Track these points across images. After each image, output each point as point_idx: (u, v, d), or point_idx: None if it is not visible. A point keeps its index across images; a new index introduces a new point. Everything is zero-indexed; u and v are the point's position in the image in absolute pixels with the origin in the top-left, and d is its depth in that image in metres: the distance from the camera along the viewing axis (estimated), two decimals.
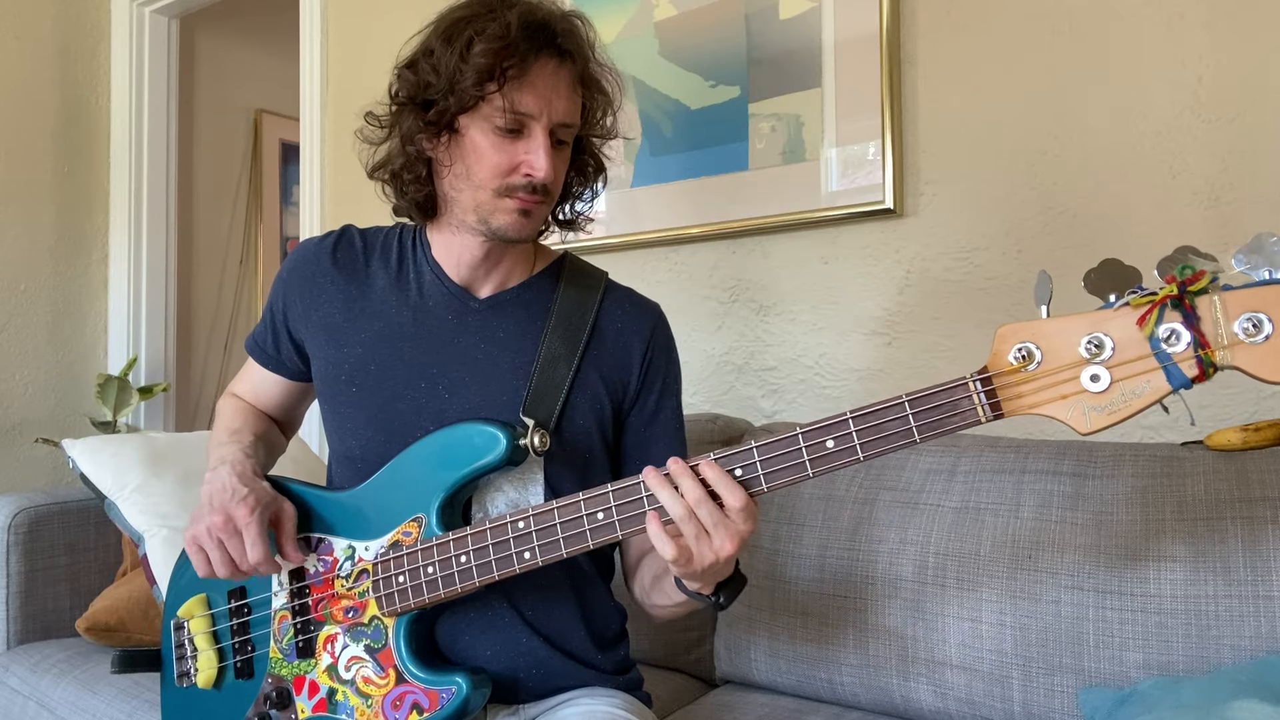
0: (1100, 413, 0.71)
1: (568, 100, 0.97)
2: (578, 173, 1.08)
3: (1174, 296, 0.68)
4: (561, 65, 0.97)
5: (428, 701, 0.93)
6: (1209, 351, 0.67)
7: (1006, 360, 0.74)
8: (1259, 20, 1.29)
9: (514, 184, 0.97)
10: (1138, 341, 0.69)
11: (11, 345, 2.70)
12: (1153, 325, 0.68)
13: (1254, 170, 1.29)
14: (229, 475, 1.00)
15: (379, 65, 2.32)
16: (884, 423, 0.77)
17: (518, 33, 0.92)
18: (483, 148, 0.96)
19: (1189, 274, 0.68)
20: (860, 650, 1.22)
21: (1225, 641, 1.00)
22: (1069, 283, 1.43)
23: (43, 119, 2.77)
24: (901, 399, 0.77)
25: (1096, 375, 0.70)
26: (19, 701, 1.58)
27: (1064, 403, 0.72)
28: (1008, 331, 0.74)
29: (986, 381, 0.74)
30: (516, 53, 0.92)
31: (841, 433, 0.79)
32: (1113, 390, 0.70)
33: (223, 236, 3.43)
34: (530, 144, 0.96)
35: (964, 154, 1.51)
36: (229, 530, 0.95)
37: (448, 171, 1.00)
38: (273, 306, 1.13)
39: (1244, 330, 0.66)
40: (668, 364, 1.12)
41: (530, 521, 0.90)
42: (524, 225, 0.99)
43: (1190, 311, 0.67)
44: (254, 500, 0.96)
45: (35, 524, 1.72)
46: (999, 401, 0.74)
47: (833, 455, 0.79)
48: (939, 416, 0.76)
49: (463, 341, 1.04)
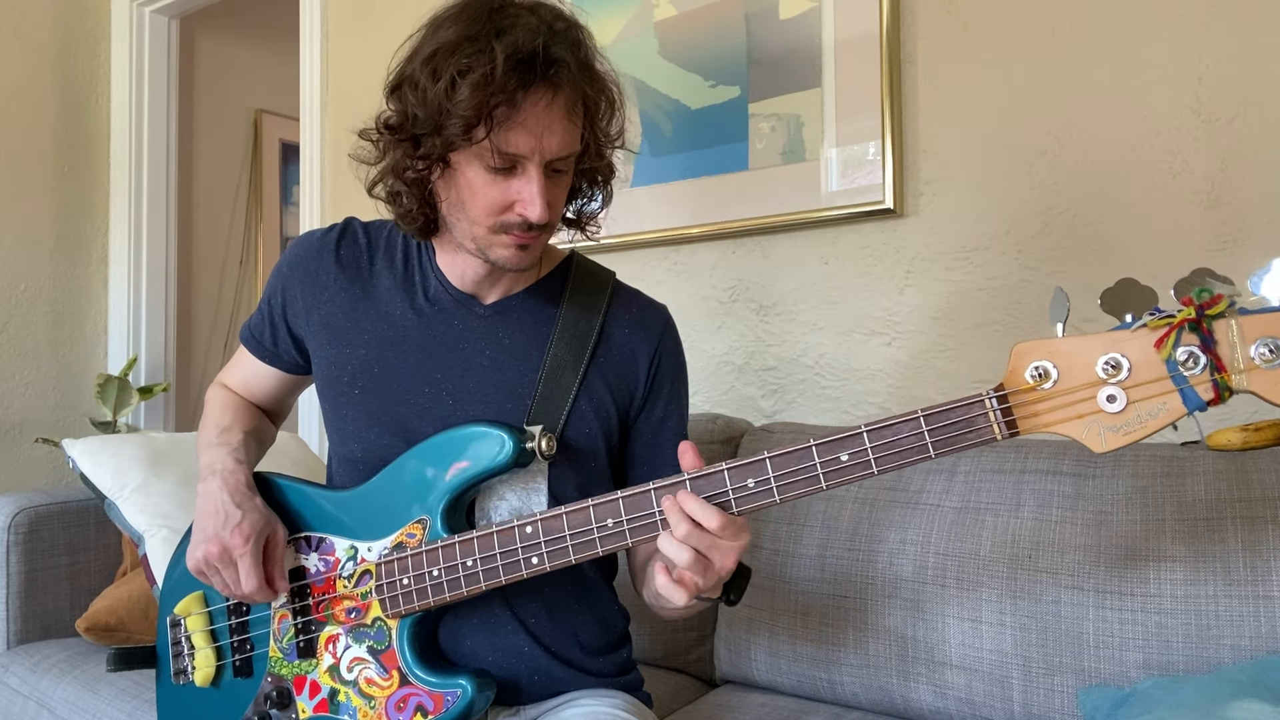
0: (1116, 433, 0.71)
1: (562, 134, 0.91)
2: (586, 180, 1.04)
3: (1192, 320, 0.68)
4: (556, 97, 0.90)
5: (433, 704, 0.93)
6: (1225, 376, 0.67)
7: (1023, 378, 0.74)
8: (1259, 20, 1.29)
9: (509, 222, 0.93)
10: (1155, 364, 0.70)
11: (11, 345, 2.70)
12: (1170, 348, 0.69)
13: (1254, 170, 1.29)
14: (221, 491, 1.00)
15: (379, 65, 2.31)
16: (899, 438, 0.77)
17: (504, 72, 0.85)
18: (475, 185, 0.92)
19: (1206, 297, 0.68)
20: (860, 650, 1.22)
21: (1225, 641, 1.00)
22: (1069, 282, 1.43)
23: (43, 119, 2.77)
24: (917, 414, 0.77)
25: (1113, 396, 0.71)
26: (19, 701, 1.58)
27: (1080, 422, 0.72)
28: (1024, 349, 0.74)
29: (1003, 399, 0.74)
30: (504, 92, 0.86)
31: (856, 448, 0.78)
32: (1129, 411, 0.71)
33: (223, 236, 3.43)
34: (523, 183, 0.91)
35: (964, 154, 1.51)
36: (225, 560, 0.97)
37: (443, 201, 0.97)
38: (271, 299, 1.11)
39: (1260, 356, 0.66)
40: (675, 370, 1.10)
41: (539, 527, 0.89)
42: (522, 258, 0.96)
43: (1208, 335, 0.67)
44: (248, 527, 0.97)
45: (35, 524, 1.72)
46: (1015, 420, 0.74)
47: (847, 469, 0.79)
48: (954, 433, 0.76)
49: (468, 347, 1.03)
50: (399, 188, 0.98)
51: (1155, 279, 0.70)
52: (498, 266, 0.98)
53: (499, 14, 0.89)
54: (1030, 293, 1.46)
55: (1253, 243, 1.29)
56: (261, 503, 1.01)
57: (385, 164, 0.98)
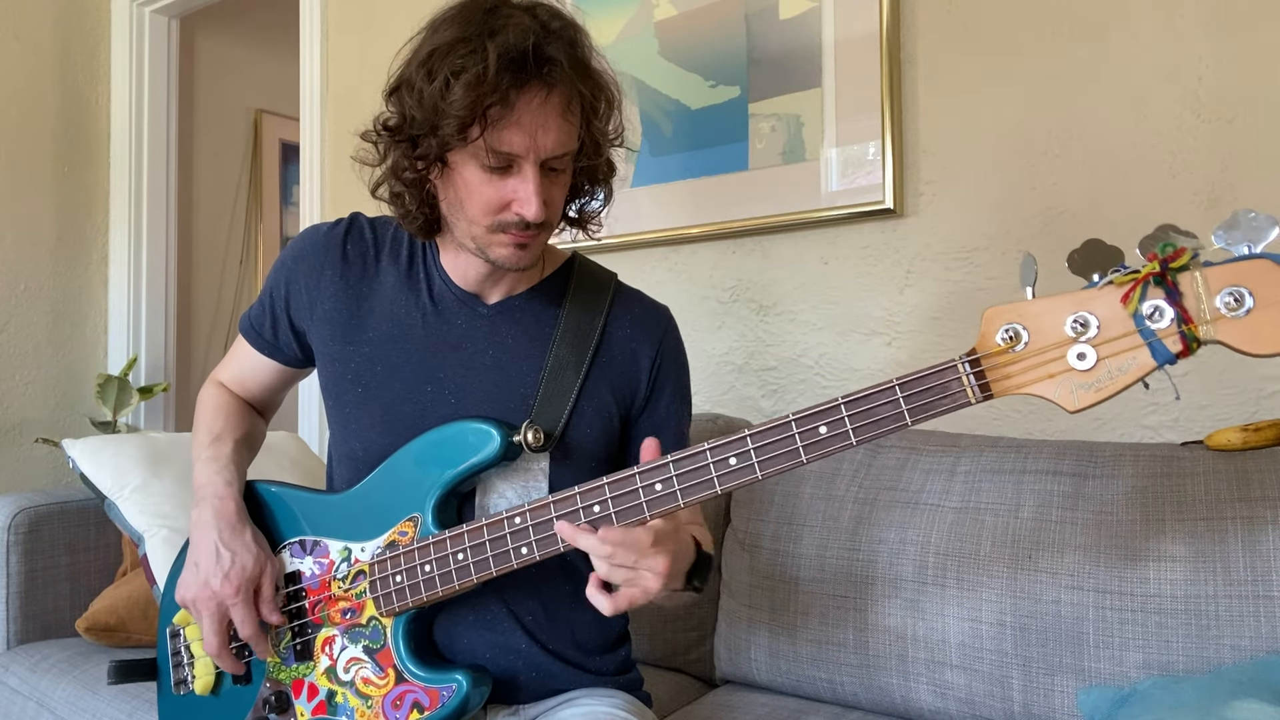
0: (1088, 390, 0.72)
1: (557, 132, 0.91)
2: (586, 178, 1.04)
3: (1156, 274, 0.69)
4: (550, 96, 0.90)
5: (428, 700, 0.93)
6: (1192, 326, 0.68)
7: (994, 341, 0.75)
8: (1259, 20, 1.29)
9: (506, 221, 0.93)
10: (1122, 319, 0.70)
11: (11, 345, 2.70)
12: (1136, 302, 0.69)
13: (1254, 170, 1.29)
14: (213, 526, 1.01)
15: (379, 65, 2.32)
16: (875, 406, 0.78)
17: (497, 72, 0.86)
18: (473, 184, 0.93)
19: (1170, 251, 0.69)
20: (860, 650, 1.22)
21: (1225, 641, 1.00)
22: (1069, 283, 1.43)
23: (43, 119, 2.77)
24: (892, 383, 0.78)
25: (1083, 353, 0.72)
26: (19, 701, 1.58)
27: (1052, 381, 0.73)
28: (994, 313, 0.75)
29: (975, 363, 0.75)
30: (497, 91, 0.86)
31: (834, 418, 0.79)
32: (1099, 368, 0.71)
33: (223, 236, 3.43)
34: (519, 182, 0.92)
35: (964, 154, 1.51)
36: (213, 609, 0.99)
37: (443, 201, 0.98)
38: (273, 291, 1.10)
39: (1225, 305, 0.67)
40: (677, 371, 1.11)
41: (527, 517, 0.90)
42: (522, 257, 0.97)
43: (1173, 288, 0.68)
44: (237, 576, 0.98)
45: (35, 524, 1.72)
46: (988, 382, 0.75)
47: (826, 440, 0.80)
48: (930, 399, 0.77)
49: (471, 347, 1.03)
50: (399, 188, 0.99)
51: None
52: (497, 266, 0.99)
53: (493, 15, 0.90)
54: None
55: None
56: (251, 538, 1.02)
57: (385, 165, 0.99)
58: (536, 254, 0.99)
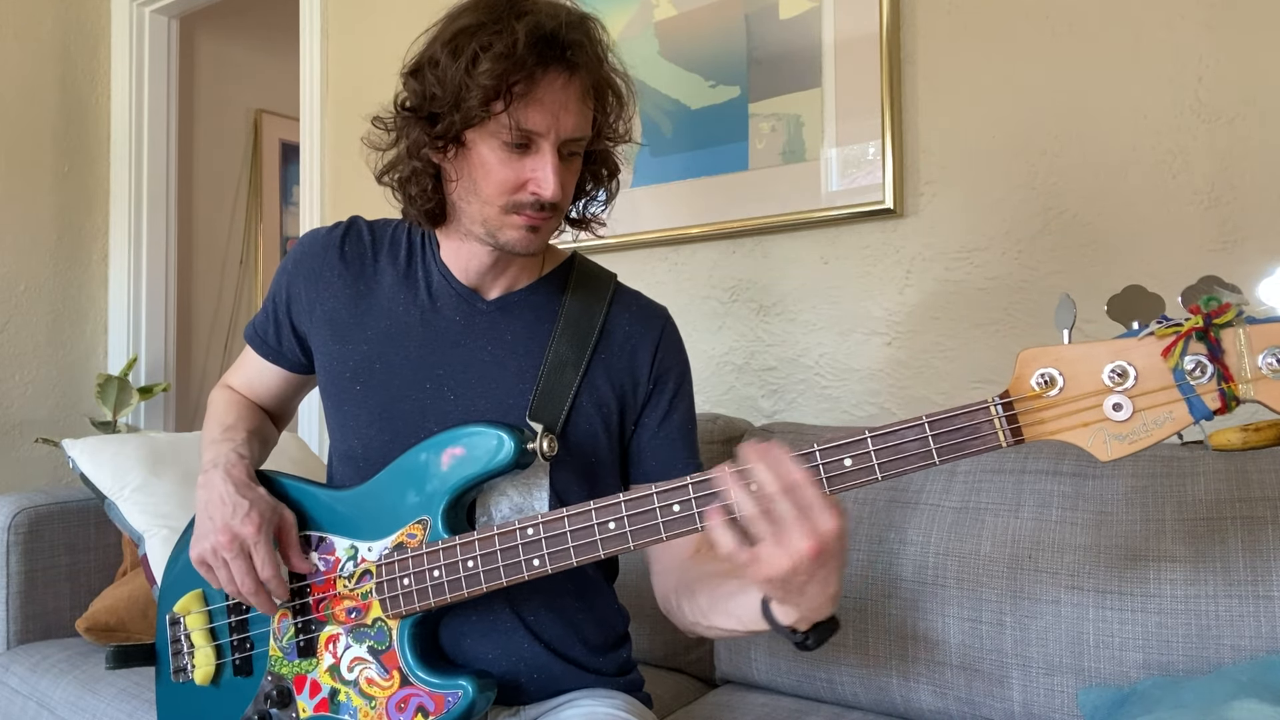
0: (1121, 441, 0.71)
1: (576, 115, 0.94)
2: (591, 176, 1.05)
3: (1199, 329, 0.67)
4: (571, 79, 0.92)
5: (434, 705, 0.93)
6: (1232, 385, 0.67)
7: (1029, 385, 0.73)
8: (1259, 20, 1.29)
9: (521, 201, 0.94)
10: (1162, 372, 0.69)
11: (11, 345, 2.70)
12: (1178, 357, 0.68)
13: (1254, 170, 1.29)
14: (224, 483, 0.99)
15: (379, 65, 2.32)
16: (903, 444, 0.76)
17: (525, 48, 0.88)
18: (490, 163, 0.94)
19: (1214, 306, 0.67)
20: (860, 650, 1.22)
21: (1225, 641, 1.00)
22: (1069, 283, 1.43)
23: (43, 119, 2.77)
24: (921, 420, 0.76)
25: (1119, 404, 0.70)
26: (19, 701, 1.58)
27: (1085, 430, 0.72)
28: (1030, 356, 0.74)
29: (1008, 406, 0.74)
30: (523, 68, 0.89)
31: (859, 452, 0.77)
32: (1135, 420, 0.70)
33: (223, 236, 3.43)
34: (538, 161, 0.93)
35: (964, 154, 1.51)
36: (236, 550, 0.96)
37: (455, 184, 0.99)
38: (275, 297, 1.11)
39: (1268, 366, 0.66)
40: (678, 367, 1.11)
41: (540, 529, 0.89)
42: (532, 241, 0.97)
43: (1215, 344, 0.67)
44: (257, 516, 0.96)
45: (35, 524, 1.72)
46: (1020, 427, 0.73)
47: (850, 474, 0.77)
48: (959, 439, 0.75)
49: (470, 343, 1.04)
50: (409, 171, 1.00)
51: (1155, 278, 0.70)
52: (506, 250, 0.99)
53: (518, 2, 0.92)
54: (1030, 293, 1.46)
55: (1253, 243, 1.29)
56: (265, 492, 1.01)
57: (400, 147, 1.00)
58: (544, 240, 1.00)
